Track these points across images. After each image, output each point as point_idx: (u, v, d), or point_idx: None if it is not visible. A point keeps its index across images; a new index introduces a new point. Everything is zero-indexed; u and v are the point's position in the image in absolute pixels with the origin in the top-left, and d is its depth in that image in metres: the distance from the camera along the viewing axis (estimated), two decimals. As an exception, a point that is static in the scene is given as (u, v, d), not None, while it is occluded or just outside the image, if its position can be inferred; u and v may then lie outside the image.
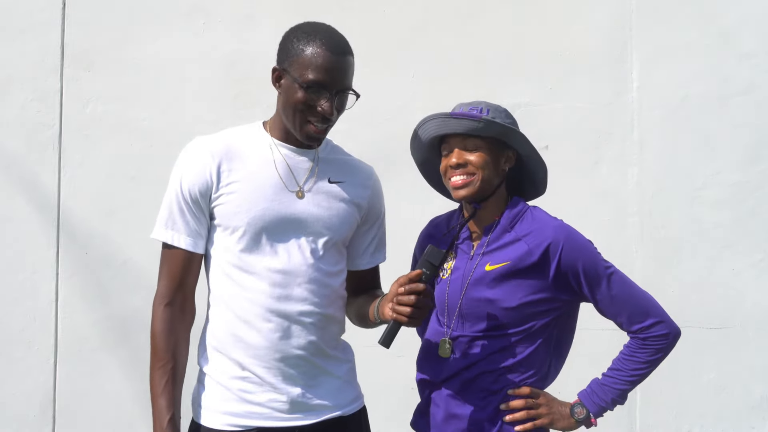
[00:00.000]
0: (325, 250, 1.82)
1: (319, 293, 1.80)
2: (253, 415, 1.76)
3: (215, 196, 1.77)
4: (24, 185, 3.46)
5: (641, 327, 1.82)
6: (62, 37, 3.50)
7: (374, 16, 3.48)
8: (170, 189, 1.80)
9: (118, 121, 3.47)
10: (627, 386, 1.84)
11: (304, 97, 1.73)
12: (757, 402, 3.39)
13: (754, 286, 3.38)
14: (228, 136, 1.84)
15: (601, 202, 3.41)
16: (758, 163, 3.40)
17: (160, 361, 1.75)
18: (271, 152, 1.82)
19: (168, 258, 1.80)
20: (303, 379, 1.78)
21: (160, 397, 1.74)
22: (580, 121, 3.44)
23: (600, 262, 1.82)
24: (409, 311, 1.66)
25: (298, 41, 1.76)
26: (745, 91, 3.41)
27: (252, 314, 1.75)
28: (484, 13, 3.49)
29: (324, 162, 1.88)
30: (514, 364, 1.81)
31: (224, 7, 3.52)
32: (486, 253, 1.83)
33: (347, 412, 1.86)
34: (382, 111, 3.41)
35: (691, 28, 3.43)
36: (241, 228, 1.75)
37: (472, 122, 1.79)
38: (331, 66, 1.74)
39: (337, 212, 1.84)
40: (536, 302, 1.80)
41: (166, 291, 1.79)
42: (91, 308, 3.44)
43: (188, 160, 1.79)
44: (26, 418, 3.44)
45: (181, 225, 1.77)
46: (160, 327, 1.77)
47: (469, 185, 1.80)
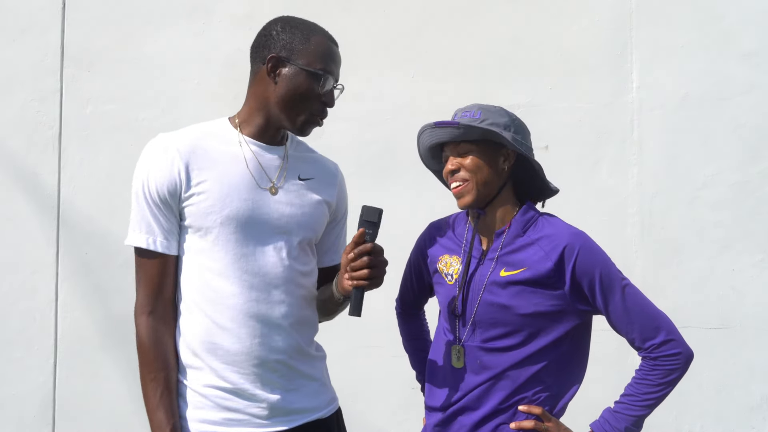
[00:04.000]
0: (299, 250, 1.78)
1: (295, 294, 1.76)
2: (231, 423, 1.70)
3: (185, 196, 1.69)
4: (24, 185, 3.47)
5: (652, 344, 1.76)
6: (62, 37, 3.50)
7: (374, 16, 3.48)
8: (137, 191, 1.71)
9: (118, 121, 3.47)
10: (641, 411, 1.77)
11: (313, 86, 1.70)
12: (757, 402, 3.39)
13: (754, 286, 3.38)
14: (193, 132, 1.76)
15: (601, 202, 3.40)
16: (758, 163, 3.40)
17: (151, 373, 1.69)
18: (240, 149, 1.75)
19: (144, 265, 1.71)
20: (281, 383, 1.73)
21: (158, 410, 1.67)
22: (580, 121, 3.44)
23: (615, 272, 1.79)
24: (366, 273, 1.63)
25: (298, 31, 1.73)
26: (745, 91, 3.40)
27: (228, 319, 1.69)
28: (484, 13, 3.49)
29: (292, 159, 1.83)
30: (527, 379, 1.78)
31: (224, 7, 3.52)
32: (500, 257, 1.81)
33: (325, 414, 1.82)
34: (382, 111, 3.41)
35: (691, 28, 3.43)
36: (215, 229, 1.68)
37: (453, 129, 1.79)
38: (335, 56, 1.75)
39: (309, 210, 1.80)
40: (551, 311, 1.77)
41: (146, 300, 1.71)
42: (91, 308, 3.44)
43: (154, 158, 1.70)
44: (26, 418, 3.44)
45: (154, 228, 1.69)
46: (146, 337, 1.69)
47: (467, 192, 1.80)
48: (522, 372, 1.79)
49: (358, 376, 3.33)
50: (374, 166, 3.27)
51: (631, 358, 3.34)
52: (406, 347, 2.17)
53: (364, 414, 3.22)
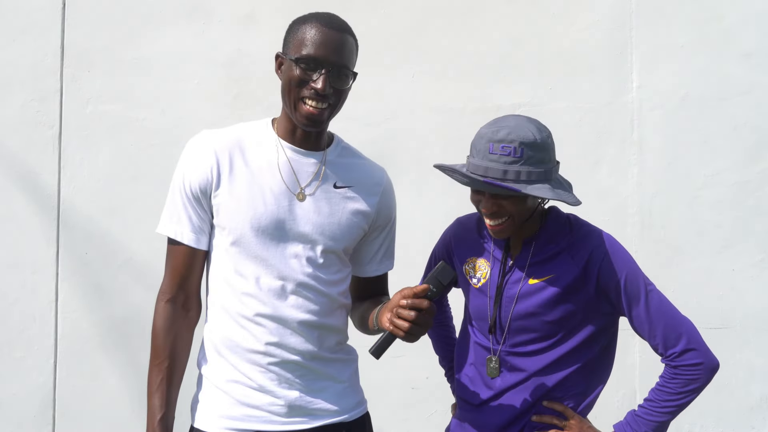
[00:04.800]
0: (324, 258, 1.76)
1: (317, 301, 1.75)
2: (251, 419, 1.72)
3: (215, 194, 1.72)
4: (24, 185, 3.46)
5: (673, 353, 1.76)
6: (62, 37, 3.50)
7: (374, 16, 3.48)
8: (174, 183, 1.76)
9: (118, 121, 3.47)
10: (662, 418, 1.78)
11: (297, 73, 1.67)
12: (757, 402, 3.39)
13: (754, 286, 3.38)
14: (234, 132, 1.79)
15: (601, 202, 3.40)
16: (758, 163, 3.40)
17: (157, 359, 1.73)
18: (276, 153, 1.76)
19: (172, 253, 1.76)
20: (302, 383, 1.74)
21: (154, 396, 1.71)
22: (580, 121, 3.44)
23: (641, 276, 1.78)
24: (407, 327, 1.58)
25: (296, 24, 1.74)
26: (745, 91, 3.40)
27: (246, 319, 1.71)
28: (484, 12, 3.48)
29: (331, 165, 1.80)
30: (555, 381, 1.80)
31: (224, 7, 3.51)
32: (530, 265, 1.80)
33: (349, 417, 1.81)
34: (382, 111, 3.41)
35: (691, 28, 3.43)
36: (238, 231, 1.71)
37: (505, 191, 1.68)
38: (325, 40, 1.68)
39: (338, 220, 1.77)
40: (578, 316, 1.78)
41: (168, 287, 1.76)
42: (91, 308, 3.44)
43: (191, 154, 1.75)
44: (26, 418, 3.44)
45: (184, 220, 1.73)
46: (160, 324, 1.74)
47: (506, 230, 1.76)
48: (550, 374, 1.80)
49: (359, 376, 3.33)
50: (374, 166, 3.27)
51: (631, 358, 3.35)
52: (430, 334, 2.17)
53: (364, 414, 3.22)
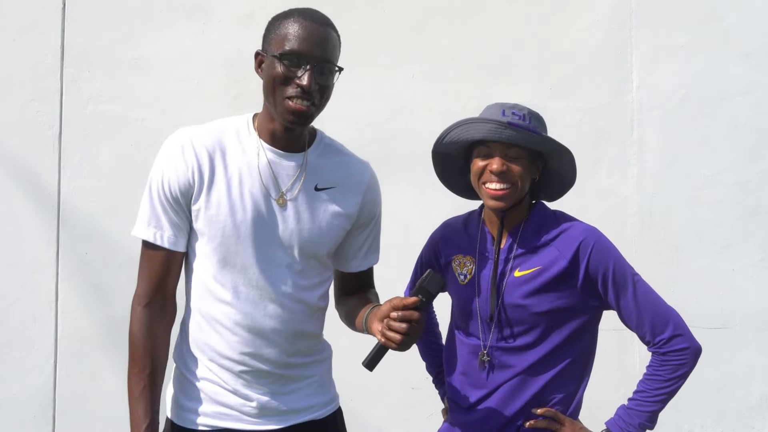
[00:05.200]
0: (304, 264, 1.73)
1: (294, 309, 1.73)
2: (224, 417, 1.71)
3: (195, 198, 1.68)
4: (24, 185, 3.46)
5: (662, 339, 1.79)
6: (62, 37, 3.50)
7: (374, 16, 3.48)
8: (152, 183, 1.70)
9: (118, 121, 3.47)
10: (653, 407, 1.80)
11: (281, 70, 1.62)
12: (757, 402, 3.39)
13: (754, 286, 3.38)
14: (215, 131, 1.72)
15: (601, 202, 3.40)
16: (758, 163, 3.40)
17: (137, 366, 1.68)
18: (257, 156, 1.71)
19: (149, 257, 1.71)
20: (273, 388, 1.73)
21: (137, 404, 1.68)
22: (580, 121, 3.44)
23: (627, 267, 1.81)
24: (399, 339, 1.58)
25: (276, 20, 1.70)
26: (745, 91, 3.41)
27: (221, 326, 1.70)
28: (484, 12, 3.49)
29: (313, 166, 1.75)
30: (544, 379, 1.80)
31: (224, 7, 3.51)
32: (515, 257, 1.81)
33: (321, 415, 1.81)
34: (382, 111, 3.41)
35: (691, 28, 3.43)
36: (217, 238, 1.67)
37: (528, 135, 1.74)
38: (308, 35, 1.63)
39: (319, 225, 1.74)
40: (565, 308, 1.79)
41: (146, 291, 1.70)
42: (91, 308, 3.44)
43: (172, 155, 1.68)
44: (26, 418, 3.44)
45: (164, 222, 1.68)
46: (138, 329, 1.69)
47: (507, 197, 1.77)
48: (539, 374, 1.81)
49: (359, 376, 3.32)
50: (374, 165, 3.26)
51: (631, 358, 3.35)
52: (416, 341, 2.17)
53: (364, 414, 3.21)
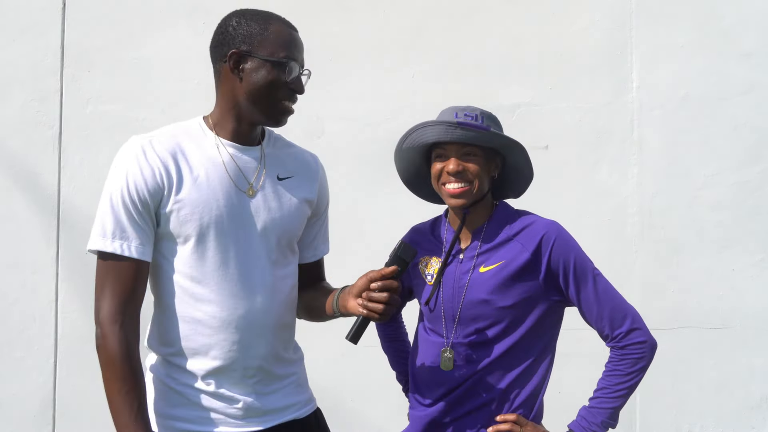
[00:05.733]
0: (278, 253, 1.74)
1: (276, 299, 1.74)
2: (206, 421, 1.69)
3: (165, 201, 1.64)
4: (24, 185, 3.46)
5: (620, 333, 1.81)
6: (62, 37, 3.50)
7: (374, 16, 3.48)
8: (114, 193, 1.64)
9: (118, 121, 3.47)
10: (615, 403, 1.81)
11: (279, 75, 1.65)
12: (757, 402, 3.39)
13: (754, 286, 3.38)
14: (171, 135, 1.71)
15: (601, 202, 3.41)
16: (758, 163, 3.40)
17: (125, 386, 1.61)
18: (218, 152, 1.70)
19: (115, 271, 1.64)
20: (258, 388, 1.73)
21: (135, 425, 1.59)
22: (580, 121, 3.44)
23: (588, 261, 1.84)
24: (381, 308, 1.63)
25: (254, 22, 1.69)
26: (745, 91, 3.41)
27: (207, 326, 1.67)
28: (484, 13, 3.49)
29: (270, 158, 1.78)
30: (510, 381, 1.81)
31: (224, 7, 3.49)
32: (479, 255, 1.84)
33: (302, 414, 1.82)
34: (382, 111, 3.41)
35: (691, 28, 3.43)
36: (193, 237, 1.64)
37: (477, 134, 1.80)
38: (293, 40, 1.70)
39: (288, 211, 1.76)
40: (529, 302, 1.81)
41: (117, 308, 1.64)
42: (91, 308, 3.40)
43: (135, 161, 1.64)
44: (26, 418, 3.44)
45: (131, 232, 1.62)
46: (118, 350, 1.62)
47: (466, 194, 1.81)
48: (503, 373, 1.82)
49: (358, 376, 3.32)
50: (374, 165, 3.27)
51: (631, 358, 3.35)
52: (385, 349, 2.20)
53: (364, 414, 3.21)
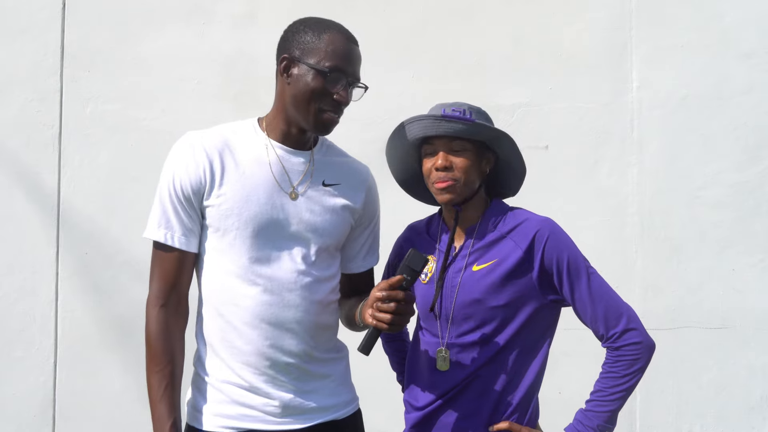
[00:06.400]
0: (317, 256, 1.77)
1: (310, 300, 1.76)
2: (246, 418, 1.72)
3: (208, 195, 1.71)
4: (24, 185, 3.47)
5: (615, 333, 1.76)
6: (62, 37, 3.50)
7: (374, 16, 3.48)
8: (162, 186, 1.73)
9: (118, 121, 3.47)
10: (612, 406, 1.76)
11: (322, 84, 1.70)
12: (757, 402, 3.39)
13: (754, 286, 3.38)
14: (222, 132, 1.78)
15: (601, 202, 3.40)
16: (758, 163, 3.40)
17: (158, 365, 1.70)
18: (266, 152, 1.76)
19: (161, 258, 1.74)
20: (295, 384, 1.75)
21: (160, 403, 1.68)
22: (580, 121, 3.44)
23: (582, 258, 1.80)
24: (389, 318, 1.62)
25: (312, 30, 1.73)
26: (745, 91, 3.41)
27: (240, 321, 1.71)
28: (484, 13, 3.49)
29: (319, 164, 1.83)
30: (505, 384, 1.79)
31: (224, 7, 3.52)
32: (472, 253, 1.82)
33: (341, 415, 1.83)
34: (382, 111, 3.41)
35: (691, 28, 3.43)
36: (232, 232, 1.70)
37: (463, 126, 1.78)
38: (349, 54, 1.73)
39: (330, 217, 1.79)
40: (523, 301, 1.78)
41: (161, 292, 1.73)
42: (91, 308, 3.44)
43: (182, 156, 1.72)
44: (26, 418, 3.44)
45: (175, 223, 1.71)
46: (156, 329, 1.71)
47: (453, 189, 1.79)
48: (497, 371, 1.80)
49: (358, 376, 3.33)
50: (374, 165, 3.26)
51: (631, 358, 3.35)
52: (385, 349, 2.19)
53: (367, 415, 3.21)
